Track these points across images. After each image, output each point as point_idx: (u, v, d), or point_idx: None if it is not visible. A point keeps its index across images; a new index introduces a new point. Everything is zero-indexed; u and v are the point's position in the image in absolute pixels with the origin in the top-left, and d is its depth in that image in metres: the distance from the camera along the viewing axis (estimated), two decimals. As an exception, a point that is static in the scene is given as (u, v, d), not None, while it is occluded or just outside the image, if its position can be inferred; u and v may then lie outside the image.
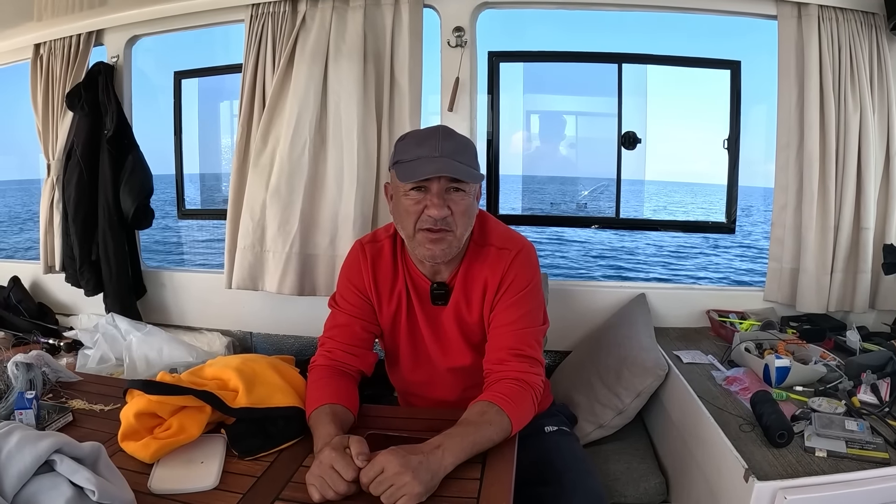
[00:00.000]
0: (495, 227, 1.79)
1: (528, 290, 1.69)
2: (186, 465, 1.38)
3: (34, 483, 1.05)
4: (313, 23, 2.79)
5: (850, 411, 1.80)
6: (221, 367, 1.65)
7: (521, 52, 3.16)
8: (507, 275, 1.68)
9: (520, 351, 1.64)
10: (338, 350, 1.75)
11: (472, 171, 1.61)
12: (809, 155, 2.62)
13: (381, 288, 1.78)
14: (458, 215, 1.59)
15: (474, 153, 1.67)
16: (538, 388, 1.64)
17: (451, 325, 1.77)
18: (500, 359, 1.64)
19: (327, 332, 1.81)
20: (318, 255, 2.90)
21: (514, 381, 1.58)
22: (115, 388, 1.82)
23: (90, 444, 1.13)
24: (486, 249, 1.72)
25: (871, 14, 2.61)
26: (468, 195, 1.61)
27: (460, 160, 1.58)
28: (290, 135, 2.79)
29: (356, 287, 1.79)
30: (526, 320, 1.68)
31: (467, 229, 1.65)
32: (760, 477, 1.52)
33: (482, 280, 1.71)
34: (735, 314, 2.77)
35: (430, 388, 1.88)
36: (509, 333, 1.66)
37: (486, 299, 1.71)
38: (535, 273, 1.74)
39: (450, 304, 1.75)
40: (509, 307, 1.68)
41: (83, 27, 3.19)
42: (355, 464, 1.26)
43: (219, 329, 3.26)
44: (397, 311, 1.79)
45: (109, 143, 3.08)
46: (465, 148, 1.64)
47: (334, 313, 1.82)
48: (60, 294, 3.55)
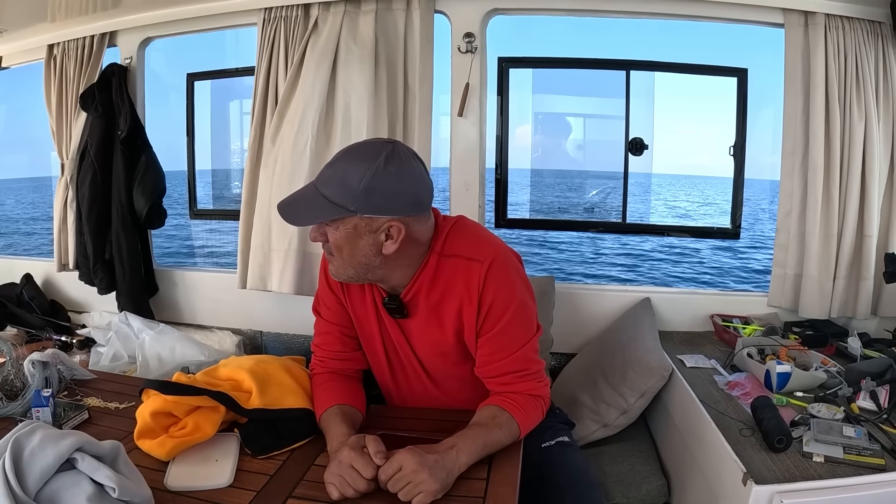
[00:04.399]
0: (463, 233, 1.63)
1: (511, 312, 1.56)
2: (202, 463, 1.41)
3: (56, 480, 1.09)
4: (325, 27, 2.82)
5: (849, 417, 1.82)
6: (235, 368, 1.67)
7: (530, 59, 3.16)
8: (486, 295, 1.55)
9: (523, 371, 1.60)
10: (328, 359, 1.76)
11: (318, 207, 1.45)
12: (814, 162, 2.64)
13: (349, 294, 1.71)
14: (333, 248, 1.50)
15: (354, 185, 1.41)
16: (548, 398, 1.66)
17: (420, 336, 1.68)
18: (505, 383, 1.60)
19: (316, 340, 1.79)
20: (317, 253, 2.88)
21: (526, 396, 1.58)
22: (130, 387, 1.85)
23: (110, 442, 1.17)
24: (454, 261, 1.58)
25: (878, 23, 2.62)
26: (337, 230, 1.47)
27: (326, 192, 1.44)
28: (294, 132, 2.82)
29: (331, 288, 1.73)
30: (519, 341, 1.59)
31: (352, 265, 1.51)
32: (759, 481, 1.54)
33: (456, 296, 1.58)
34: (738, 319, 2.78)
35: (411, 394, 1.82)
36: (506, 360, 1.58)
37: (466, 319, 1.59)
38: (516, 285, 1.59)
39: (417, 317, 1.64)
40: (497, 336, 1.58)
41: (96, 28, 3.23)
42: (374, 462, 1.29)
43: (230, 328, 3.29)
44: (367, 319, 1.72)
45: (123, 144, 3.12)
46: (340, 176, 1.44)
47: (318, 320, 1.79)
48: (73, 291, 3.59)
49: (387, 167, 1.42)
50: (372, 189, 1.41)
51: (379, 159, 1.42)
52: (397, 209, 1.45)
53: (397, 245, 1.47)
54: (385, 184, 1.42)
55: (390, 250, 1.48)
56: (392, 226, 1.46)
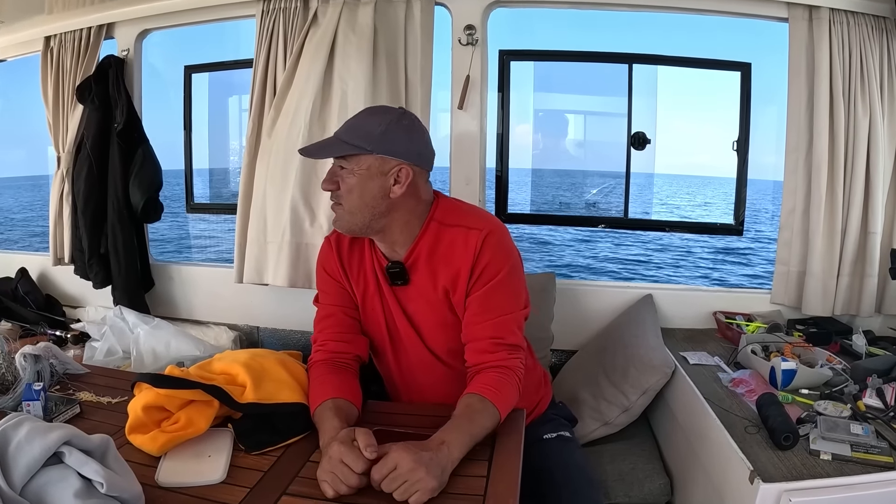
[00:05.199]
0: (462, 206, 1.77)
1: (503, 275, 1.64)
2: (194, 459, 1.38)
3: (43, 475, 1.06)
4: (324, 19, 2.79)
5: (856, 415, 1.80)
6: (230, 362, 1.65)
7: (531, 52, 3.15)
8: (480, 258, 1.64)
9: (500, 340, 1.62)
10: (330, 341, 1.76)
11: (340, 146, 1.62)
12: (818, 159, 2.61)
13: (349, 271, 1.78)
14: (344, 192, 1.62)
15: (373, 130, 1.59)
16: (519, 371, 1.63)
17: (420, 306, 1.74)
18: (480, 349, 1.63)
19: (317, 328, 1.81)
20: (311, 244, 2.87)
21: (495, 370, 1.59)
22: (123, 381, 1.82)
23: (99, 436, 1.14)
24: (454, 230, 1.67)
25: (882, 18, 2.59)
26: (352, 174, 1.60)
27: (345, 138, 1.61)
28: (289, 124, 2.80)
29: (330, 275, 1.81)
30: (503, 307, 1.65)
31: (359, 208, 1.62)
32: (766, 479, 1.53)
33: (454, 263, 1.66)
34: (742, 316, 2.76)
35: (412, 374, 1.84)
36: (487, 323, 1.63)
37: (459, 284, 1.66)
38: (510, 256, 1.68)
39: (415, 285, 1.72)
40: (485, 296, 1.64)
41: (93, 20, 3.19)
42: (364, 456, 1.27)
43: (226, 323, 3.27)
44: (368, 293, 1.78)
45: (119, 137, 3.09)
46: (359, 125, 1.63)
47: (318, 310, 1.84)
48: (68, 286, 3.57)
49: (400, 121, 1.63)
50: (386, 134, 1.59)
51: (394, 114, 1.64)
52: (408, 155, 1.61)
53: (403, 189, 1.61)
54: (398, 132, 1.61)
55: (397, 194, 1.61)
56: (402, 169, 1.60)
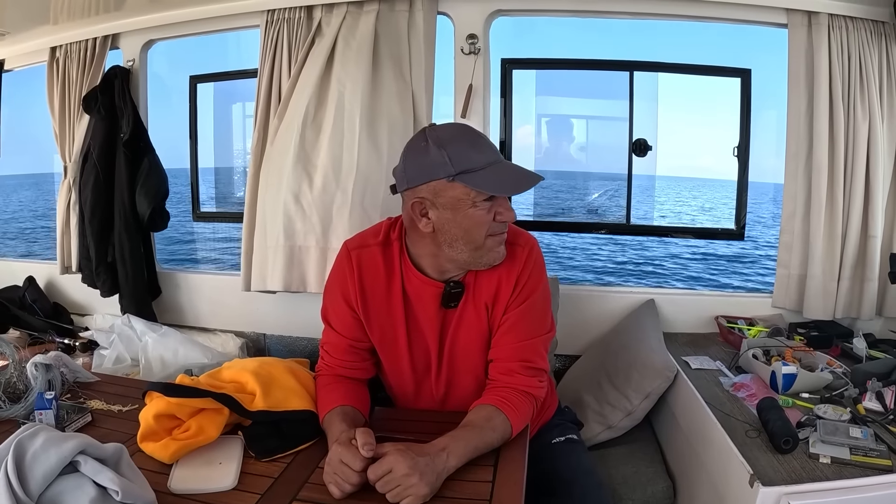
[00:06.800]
0: None
1: (538, 293, 1.64)
2: (205, 466, 1.40)
3: (59, 483, 1.08)
4: (328, 28, 2.81)
5: (855, 418, 1.82)
6: (239, 371, 1.67)
7: (533, 60, 3.16)
8: (522, 274, 1.62)
9: (528, 363, 1.61)
10: (336, 367, 1.72)
11: None
12: (818, 163, 2.63)
13: (369, 297, 1.67)
14: None
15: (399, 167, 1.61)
16: (541, 398, 1.65)
17: (463, 327, 1.67)
18: (508, 370, 1.61)
19: (323, 346, 1.76)
20: (304, 246, 2.86)
21: (521, 393, 1.58)
22: (133, 389, 1.84)
23: (113, 445, 1.16)
24: None
25: (881, 23, 2.61)
26: None
27: None
28: (286, 130, 2.82)
29: (343, 297, 1.69)
30: (536, 329, 1.64)
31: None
32: (765, 482, 1.54)
33: (495, 278, 1.63)
34: (743, 320, 2.78)
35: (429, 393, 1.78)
36: (518, 344, 1.62)
37: (500, 298, 1.63)
38: (545, 274, 1.68)
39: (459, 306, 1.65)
40: (520, 315, 1.62)
41: (99, 31, 3.22)
42: (361, 454, 1.29)
43: (233, 330, 3.29)
44: (393, 323, 1.68)
45: (125, 146, 3.11)
46: None
47: (326, 329, 1.76)
48: (75, 294, 3.59)
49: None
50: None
51: None
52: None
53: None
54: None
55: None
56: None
